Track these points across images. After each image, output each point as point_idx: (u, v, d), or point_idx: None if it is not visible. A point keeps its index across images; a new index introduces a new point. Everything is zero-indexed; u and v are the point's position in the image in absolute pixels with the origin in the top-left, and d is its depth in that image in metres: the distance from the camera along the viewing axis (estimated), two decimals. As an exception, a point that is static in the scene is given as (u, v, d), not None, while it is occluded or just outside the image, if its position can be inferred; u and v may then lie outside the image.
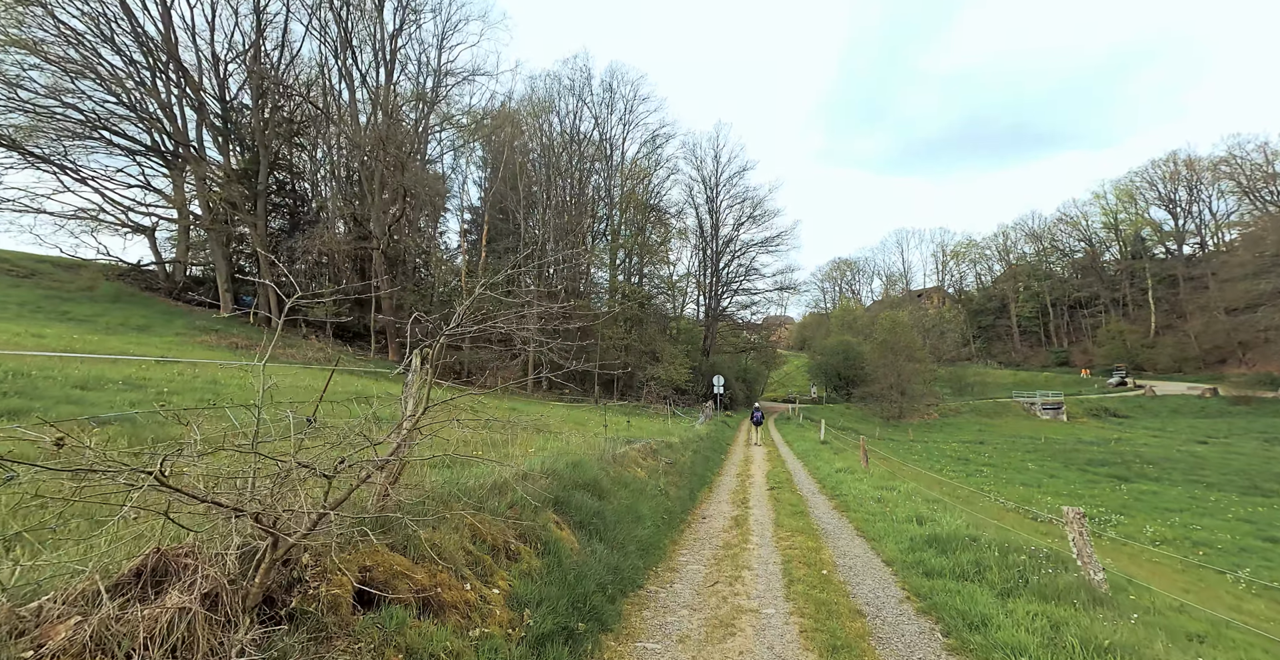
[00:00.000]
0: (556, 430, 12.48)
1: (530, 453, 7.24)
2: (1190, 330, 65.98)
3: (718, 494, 9.52)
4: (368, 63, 31.41)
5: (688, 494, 8.53)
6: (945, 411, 51.82)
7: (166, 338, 20.45)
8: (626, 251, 40.67)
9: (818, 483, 10.99)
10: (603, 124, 44.04)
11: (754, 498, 9.10)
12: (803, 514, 7.67)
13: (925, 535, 5.71)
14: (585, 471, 5.57)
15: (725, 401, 43.46)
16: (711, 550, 5.78)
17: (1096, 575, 4.20)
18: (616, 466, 7.11)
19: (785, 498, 8.96)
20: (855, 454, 17.68)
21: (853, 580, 4.81)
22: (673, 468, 9.04)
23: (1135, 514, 19.40)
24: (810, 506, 8.36)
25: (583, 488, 5.30)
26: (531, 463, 5.16)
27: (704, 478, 10.83)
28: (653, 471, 7.97)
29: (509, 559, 3.51)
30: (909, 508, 7.45)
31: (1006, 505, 18.57)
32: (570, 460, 5.73)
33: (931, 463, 29.02)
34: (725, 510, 8.05)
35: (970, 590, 4.21)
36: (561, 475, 5.15)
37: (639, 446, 8.97)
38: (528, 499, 4.22)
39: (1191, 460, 29.48)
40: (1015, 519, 15.11)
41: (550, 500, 4.56)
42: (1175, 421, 46.03)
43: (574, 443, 7.69)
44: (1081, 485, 24.27)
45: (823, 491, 9.87)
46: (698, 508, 8.22)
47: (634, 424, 16.91)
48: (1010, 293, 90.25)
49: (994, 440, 39.91)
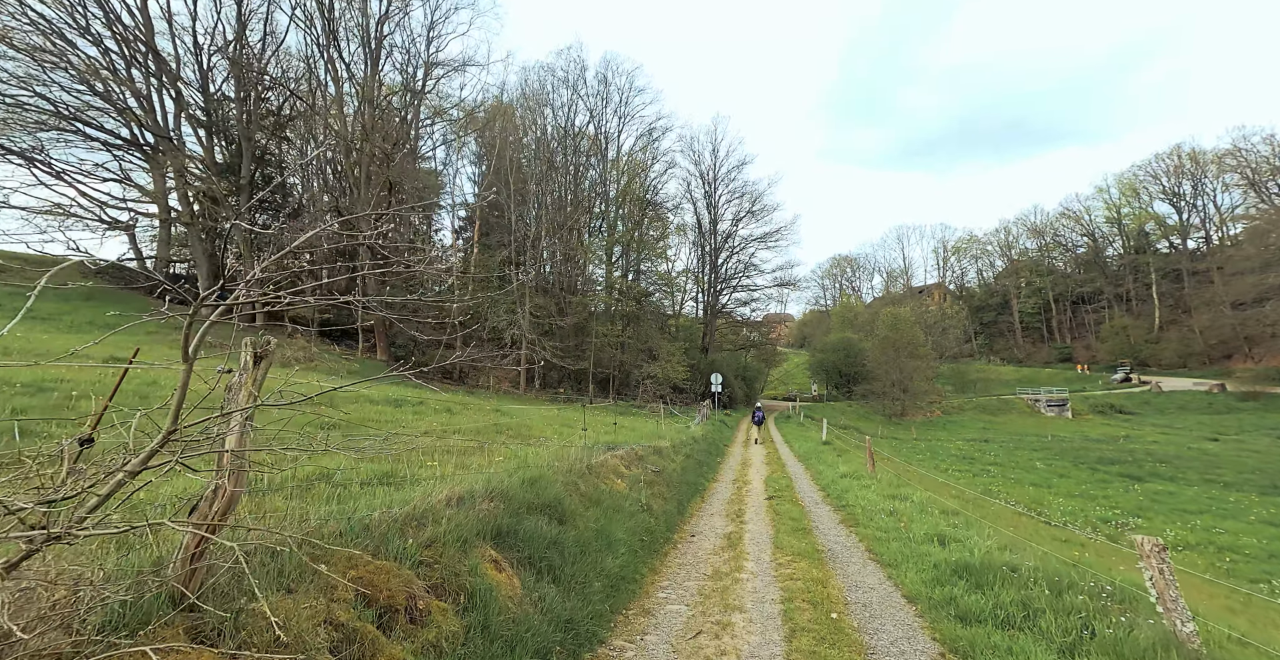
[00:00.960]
0: (539, 434, 11.56)
1: (497, 463, 6.33)
2: (1195, 325, 65.09)
3: (711, 505, 8.60)
4: (354, 52, 30.43)
5: (676, 507, 7.60)
6: (948, 409, 50.92)
7: (135, 337, 19.55)
8: (623, 247, 39.70)
9: (821, 490, 10.07)
10: (598, 117, 43.08)
11: (751, 509, 8.17)
12: (805, 531, 6.75)
13: (953, 562, 4.78)
14: (545, 489, 4.63)
15: (724, 400, 42.52)
16: (698, 581, 4.86)
17: (1185, 626, 3.27)
18: (592, 478, 6.18)
19: (785, 509, 8.03)
20: (859, 456, 16.76)
21: (869, 626, 3.88)
22: (660, 477, 8.11)
23: (1153, 516, 18.52)
24: (813, 520, 7.44)
25: (540, 511, 4.37)
26: (476, 481, 4.23)
27: (696, 486, 9.91)
28: (635, 482, 7.04)
29: (412, 623, 2.58)
30: (927, 523, 6.53)
31: (1018, 509, 17.70)
32: (528, 476, 4.79)
33: (936, 462, 28.11)
34: (718, 526, 7.13)
35: (1023, 646, 3.28)
36: (512, 496, 4.22)
37: (622, 453, 8.04)
38: (458, 532, 3.29)
39: (1205, 458, 28.60)
40: (1030, 526, 14.22)
41: (490, 532, 3.63)
42: (1183, 418, 45.11)
43: (545, 452, 6.76)
44: (1093, 485, 23.38)
45: (827, 501, 8.95)
46: (686, 523, 7.30)
47: (622, 425, 15.99)
48: (1012, 288, 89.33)
49: (999, 438, 39.04)
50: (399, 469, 5.32)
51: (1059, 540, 13.61)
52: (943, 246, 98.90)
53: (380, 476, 4.95)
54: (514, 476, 4.63)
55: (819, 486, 10.43)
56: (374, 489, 4.27)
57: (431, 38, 34.01)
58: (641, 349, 38.35)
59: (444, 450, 7.52)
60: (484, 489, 4.08)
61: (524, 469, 5.02)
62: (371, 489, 4.29)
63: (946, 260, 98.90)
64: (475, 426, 10.89)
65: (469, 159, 47.04)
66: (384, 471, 5.04)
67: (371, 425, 8.34)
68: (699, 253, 51.07)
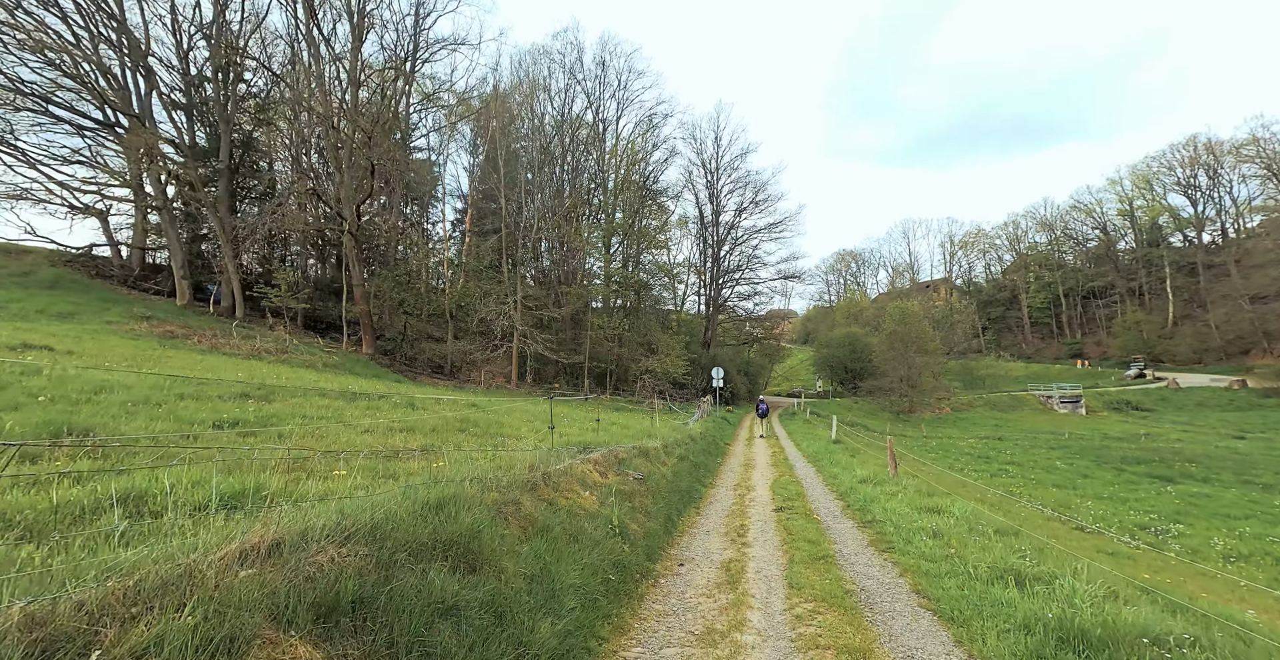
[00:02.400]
0: (512, 433, 10.07)
1: (434, 470, 4.85)
2: (1211, 320, 63.24)
3: (707, 518, 7.10)
4: (337, 29, 28.90)
5: (662, 524, 6.10)
6: (958, 405, 49.32)
7: (90, 326, 18.12)
8: (621, 236, 38.11)
9: (838, 498, 8.56)
10: (595, 102, 41.42)
11: (755, 525, 6.67)
12: (827, 559, 5.24)
13: (1051, 622, 3.27)
14: (453, 518, 3.13)
15: (726, 396, 41.01)
16: (681, 647, 3.37)
17: None
18: (549, 492, 4.68)
19: (798, 526, 6.52)
20: (875, 456, 15.22)
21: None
22: (644, 486, 6.60)
23: (1193, 522, 16.94)
24: (835, 542, 5.93)
25: (439, 554, 2.87)
26: (333, 510, 2.73)
27: (691, 494, 8.40)
28: (609, 495, 5.53)
29: None
30: (985, 550, 5.01)
31: (1045, 512, 16.18)
32: (436, 495, 3.30)
33: (950, 461, 26.59)
34: (714, 550, 5.62)
35: None
36: (391, 533, 2.72)
37: (599, 456, 6.53)
38: (232, 617, 1.81)
39: (1235, 458, 26.96)
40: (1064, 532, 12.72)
41: (319, 605, 2.14)
42: (1203, 415, 43.39)
43: (487, 460, 5.28)
44: (1121, 487, 21.80)
45: (848, 514, 7.43)
46: (674, 544, 5.80)
47: (614, 422, 14.50)
48: (1021, 283, 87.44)
49: (1013, 436, 37.43)
50: (273, 483, 3.85)
51: (1105, 552, 12.06)
52: (949, 241, 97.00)
53: (233, 496, 3.48)
54: (408, 497, 3.13)
55: (836, 494, 8.92)
56: (211, 517, 2.80)
57: (420, 16, 32.49)
58: (640, 343, 36.83)
59: (375, 453, 6.04)
60: (341, 523, 2.59)
61: (435, 485, 3.52)
62: (208, 517, 2.82)
63: (953, 254, 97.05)
64: (435, 424, 9.40)
65: (464, 147, 45.57)
66: (241, 489, 3.56)
67: (291, 422, 6.85)
68: (700, 245, 49.53)
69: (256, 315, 28.79)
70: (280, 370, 15.87)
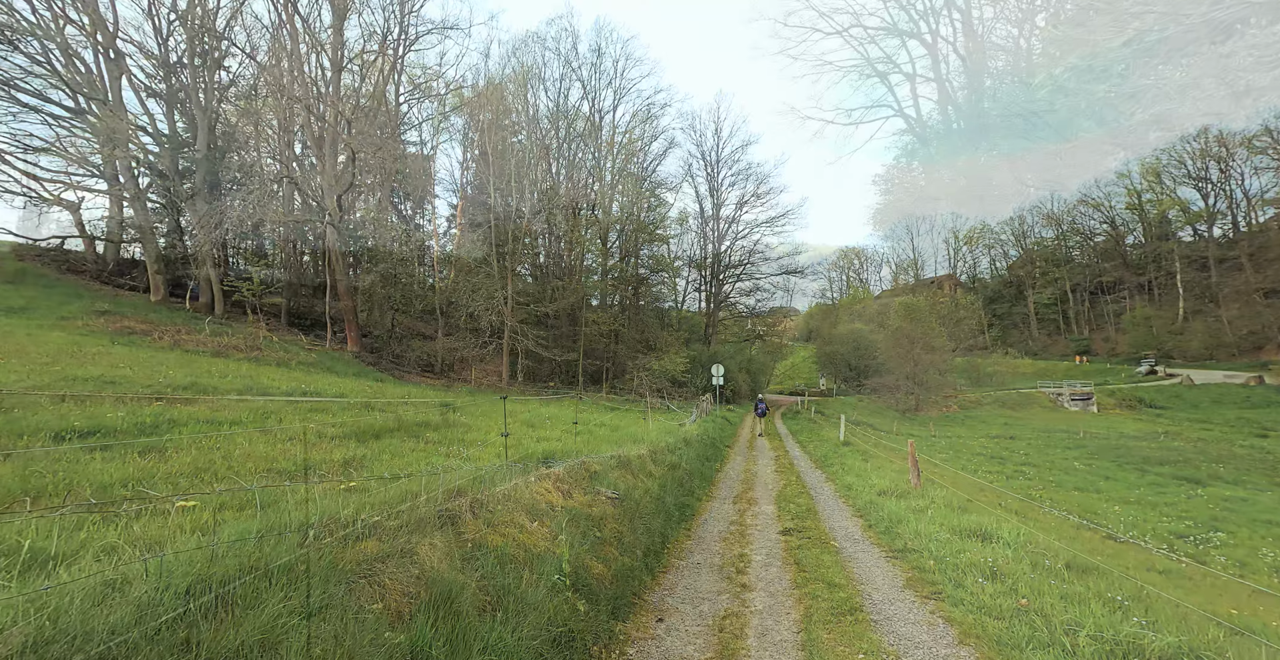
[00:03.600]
0: (480, 438, 8.76)
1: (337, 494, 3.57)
2: (1224, 315, 61.72)
3: (699, 544, 5.80)
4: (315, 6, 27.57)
5: (640, 558, 4.78)
6: (965, 403, 47.92)
7: (41, 321, 16.86)
8: (619, 229, 36.76)
9: (857, 515, 7.25)
10: (592, 92, 40.02)
11: (758, 556, 5.36)
12: (855, 613, 3.92)
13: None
14: (232, 624, 1.82)
15: (727, 394, 39.67)
16: None
17: None
18: (477, 527, 3.38)
19: (812, 558, 5.21)
20: (889, 460, 13.85)
21: None
22: (620, 507, 5.29)
23: (1234, 529, 15.55)
24: (861, 582, 4.61)
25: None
26: None
27: (682, 510, 7.09)
28: (566, 524, 4.22)
29: None
30: (1071, 600, 3.70)
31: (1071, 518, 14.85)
32: (211, 574, 1.99)
33: (962, 462, 25.23)
34: (705, 596, 4.31)
35: None
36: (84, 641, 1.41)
37: (562, 471, 5.22)
38: None
39: (1263, 457, 25.61)
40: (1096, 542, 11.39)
41: None
42: (1220, 412, 41.96)
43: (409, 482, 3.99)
44: (1148, 490, 20.42)
45: (871, 538, 6.11)
46: (655, 585, 4.49)
47: (602, 423, 13.19)
48: (1027, 279, 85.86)
49: (1024, 435, 36.04)
50: (43, 529, 2.56)
51: (1155, 570, 10.76)
52: (954, 236, 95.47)
53: None
54: (162, 584, 1.82)
55: (853, 509, 7.60)
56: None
57: (406, 0, 31.10)
58: (638, 339, 35.52)
59: (271, 471, 4.73)
60: None
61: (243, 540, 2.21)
62: None
63: (958, 250, 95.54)
64: (388, 427, 8.11)
65: (456, 139, 44.19)
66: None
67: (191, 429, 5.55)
68: (700, 239, 48.16)
69: (238, 312, 27.52)
70: (240, 368, 14.58)
